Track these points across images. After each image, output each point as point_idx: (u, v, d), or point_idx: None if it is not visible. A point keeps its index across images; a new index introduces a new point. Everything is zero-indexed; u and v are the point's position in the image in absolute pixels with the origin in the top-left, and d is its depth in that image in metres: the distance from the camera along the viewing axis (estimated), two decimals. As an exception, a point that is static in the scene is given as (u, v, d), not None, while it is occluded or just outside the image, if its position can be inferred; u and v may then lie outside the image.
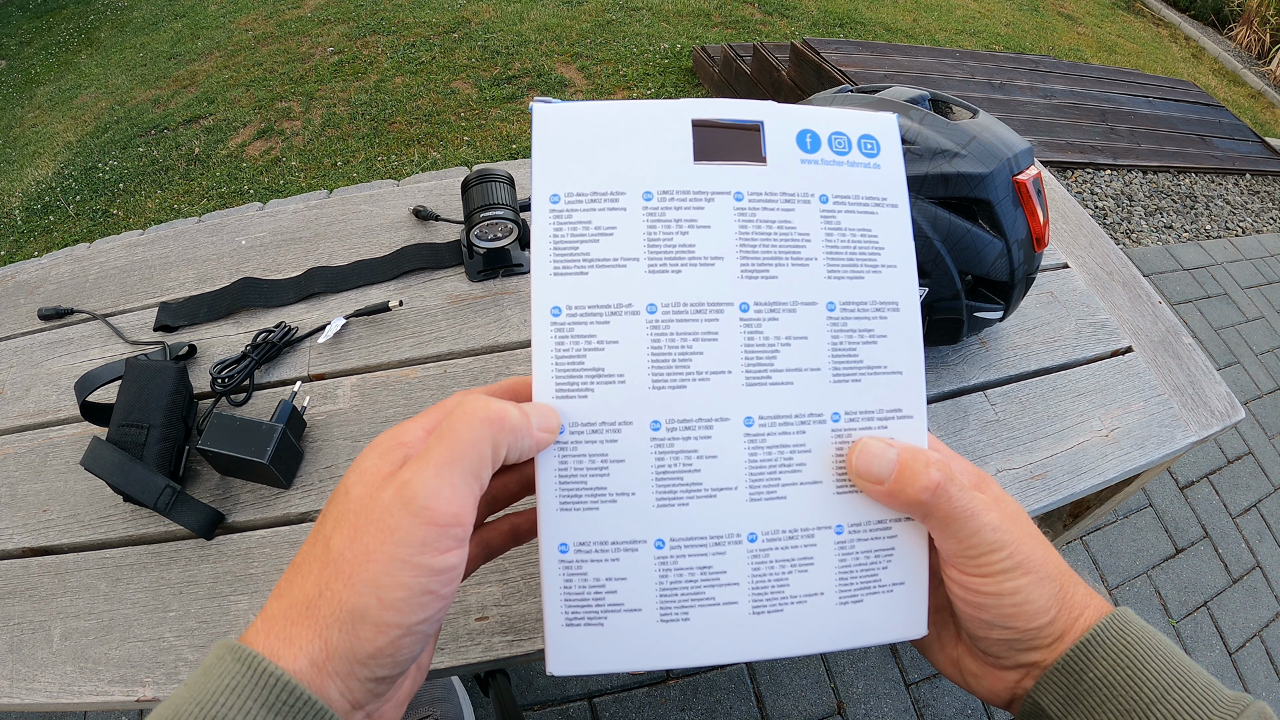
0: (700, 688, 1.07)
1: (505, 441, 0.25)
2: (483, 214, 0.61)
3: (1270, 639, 1.30)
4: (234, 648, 0.22)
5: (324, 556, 0.24)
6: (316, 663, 0.22)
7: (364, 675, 0.23)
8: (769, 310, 0.30)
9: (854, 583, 0.30)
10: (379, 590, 0.22)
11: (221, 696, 0.21)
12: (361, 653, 0.22)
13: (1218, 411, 0.64)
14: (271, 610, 0.24)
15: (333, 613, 0.22)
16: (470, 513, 0.24)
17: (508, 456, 0.25)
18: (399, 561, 0.22)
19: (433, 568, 0.23)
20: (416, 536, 0.23)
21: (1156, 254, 2.10)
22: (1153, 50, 3.97)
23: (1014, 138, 0.55)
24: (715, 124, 0.30)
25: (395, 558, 0.22)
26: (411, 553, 0.22)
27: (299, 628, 0.23)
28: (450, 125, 2.47)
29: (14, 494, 0.54)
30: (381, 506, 0.23)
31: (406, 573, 0.22)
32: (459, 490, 0.23)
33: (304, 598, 0.23)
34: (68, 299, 0.66)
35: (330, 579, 0.23)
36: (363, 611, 0.22)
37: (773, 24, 3.24)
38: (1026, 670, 0.29)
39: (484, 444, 0.24)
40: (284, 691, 0.21)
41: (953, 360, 0.64)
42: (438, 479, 0.23)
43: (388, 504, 0.23)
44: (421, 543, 0.23)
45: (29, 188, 2.42)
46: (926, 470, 0.28)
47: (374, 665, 0.23)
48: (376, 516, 0.23)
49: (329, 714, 0.22)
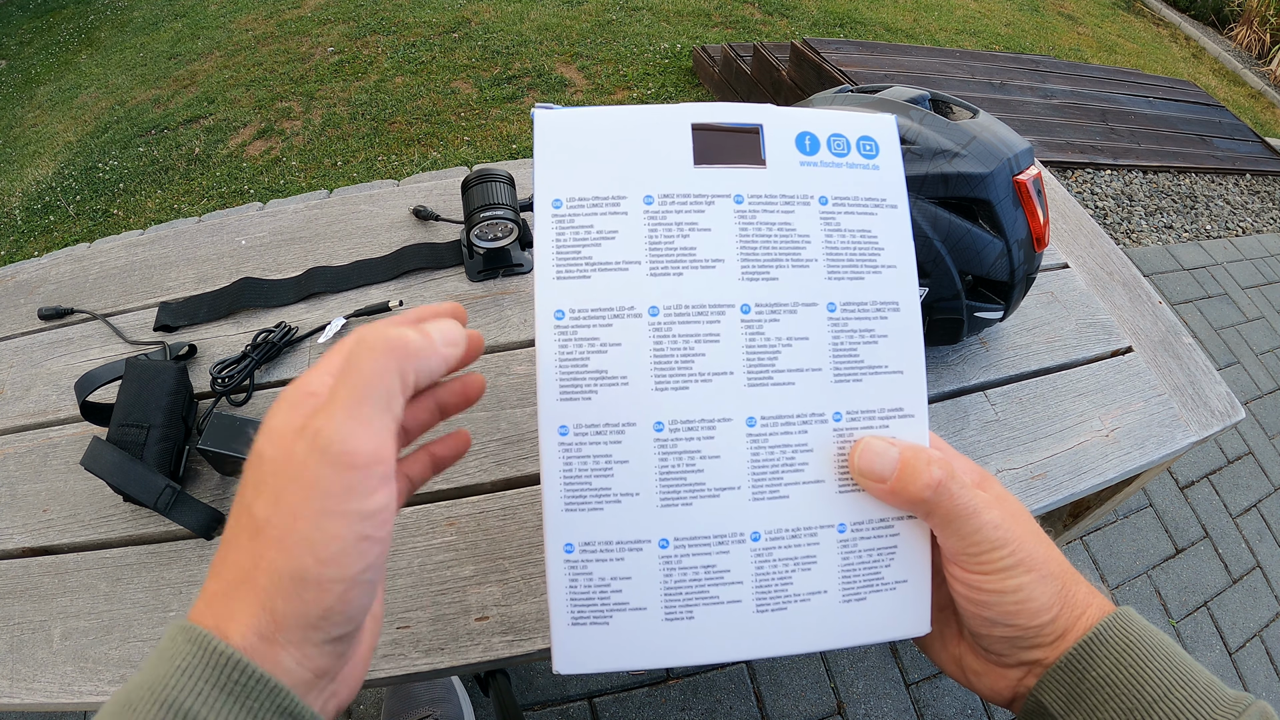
0: (700, 687, 1.07)
1: (411, 367, 0.23)
2: (483, 214, 0.61)
3: (1270, 639, 1.31)
4: (186, 628, 0.22)
5: (250, 527, 0.22)
6: (265, 635, 0.22)
7: (319, 639, 0.22)
8: (770, 311, 0.30)
9: (857, 581, 0.30)
10: (314, 548, 0.21)
11: (173, 679, 0.20)
12: (312, 616, 0.22)
13: (1218, 411, 0.64)
14: (211, 589, 0.23)
15: (272, 581, 0.21)
16: (389, 448, 0.23)
17: (417, 381, 0.24)
18: (327, 514, 0.21)
19: (363, 512, 0.22)
20: (339, 484, 0.21)
21: (1156, 254, 2.11)
22: (1153, 50, 3.97)
23: (1014, 138, 0.55)
24: (715, 127, 0.31)
25: (322, 511, 0.21)
26: (337, 502, 0.21)
27: (242, 602, 0.22)
28: (450, 125, 2.47)
29: (14, 494, 0.54)
30: (298, 462, 0.22)
31: (337, 524, 0.21)
32: (373, 427, 0.22)
33: (240, 572, 0.22)
34: (68, 299, 0.66)
35: (263, 548, 0.22)
36: (302, 573, 0.21)
37: (773, 24, 3.25)
38: (1028, 668, 0.29)
39: (389, 375, 0.23)
40: (234, 669, 0.21)
41: (953, 360, 0.64)
42: (350, 420, 0.22)
43: (303, 458, 0.22)
44: (346, 490, 0.21)
45: (29, 188, 2.42)
46: (928, 468, 0.28)
47: (328, 626, 0.22)
48: (294, 473, 0.22)
49: (281, 689, 0.21)
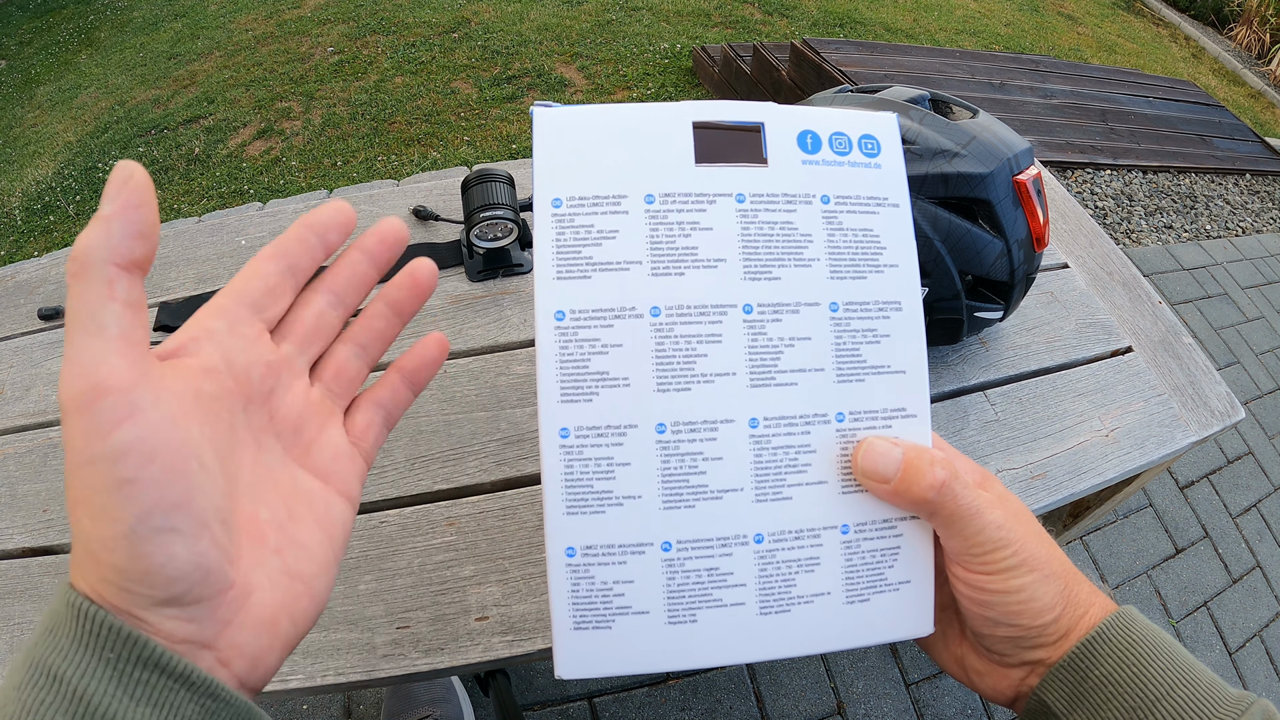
0: (700, 688, 1.07)
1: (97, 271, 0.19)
2: (483, 214, 0.61)
3: (1270, 639, 1.31)
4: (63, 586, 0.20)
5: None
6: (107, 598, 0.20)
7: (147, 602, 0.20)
8: (772, 311, 0.30)
9: (860, 582, 0.30)
10: (86, 507, 0.19)
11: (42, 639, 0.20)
12: (117, 578, 0.19)
13: (1218, 411, 0.64)
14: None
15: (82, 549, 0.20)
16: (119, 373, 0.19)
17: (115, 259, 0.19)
18: (74, 468, 0.19)
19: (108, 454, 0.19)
20: (78, 433, 0.19)
21: (1156, 254, 2.11)
22: (1153, 50, 3.97)
23: (1014, 138, 0.55)
24: (716, 126, 0.30)
25: (75, 463, 0.19)
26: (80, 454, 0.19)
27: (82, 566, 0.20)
28: (450, 125, 2.47)
29: (14, 494, 0.54)
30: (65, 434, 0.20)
31: (86, 475, 0.19)
32: (86, 353, 0.19)
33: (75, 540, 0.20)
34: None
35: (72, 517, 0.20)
36: (85, 539, 0.19)
37: (773, 24, 3.25)
38: (1031, 668, 0.29)
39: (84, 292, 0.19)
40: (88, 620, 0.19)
41: (953, 360, 0.64)
42: (66, 365, 0.19)
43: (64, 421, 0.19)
44: (84, 436, 0.19)
45: (29, 188, 2.42)
46: (931, 469, 0.28)
47: (138, 586, 0.19)
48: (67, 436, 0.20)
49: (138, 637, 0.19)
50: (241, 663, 0.22)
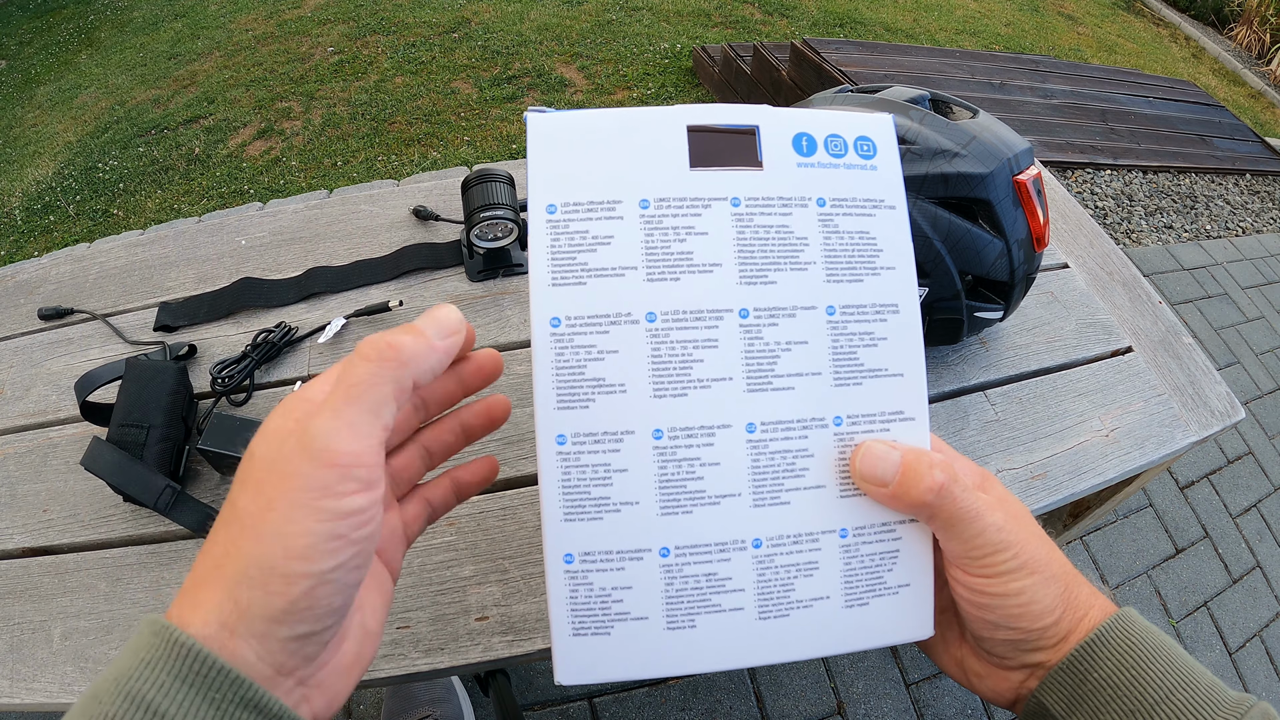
0: (700, 688, 1.07)
1: (407, 374, 0.24)
2: (483, 214, 0.61)
3: (1270, 639, 1.31)
4: (152, 620, 0.22)
5: (229, 516, 0.23)
6: (227, 624, 0.21)
7: (283, 635, 0.22)
8: (769, 315, 0.29)
9: (859, 586, 0.30)
10: (284, 539, 0.21)
11: (137, 671, 0.21)
12: (274, 608, 0.21)
13: (1218, 411, 0.64)
14: (186, 582, 0.23)
15: (240, 569, 0.22)
16: (373, 453, 0.23)
17: (418, 381, 0.24)
18: (300, 507, 0.22)
19: (337, 511, 0.22)
20: (317, 480, 0.22)
21: (1156, 254, 2.11)
22: (1153, 50, 3.97)
23: (1014, 138, 0.55)
24: (710, 129, 0.30)
25: (296, 504, 0.22)
26: (313, 497, 0.22)
27: (207, 590, 0.22)
28: (450, 125, 2.47)
29: (14, 494, 0.54)
30: (283, 458, 0.22)
31: (310, 517, 0.22)
32: (358, 430, 0.23)
33: (213, 561, 0.22)
34: (68, 299, 0.66)
35: (236, 536, 0.22)
36: (269, 563, 0.21)
37: (773, 24, 3.24)
38: (1031, 670, 0.29)
39: (381, 382, 0.23)
40: (195, 660, 0.21)
41: (953, 360, 0.64)
42: (335, 420, 0.22)
43: (289, 454, 0.22)
44: (323, 486, 0.22)
45: (29, 188, 2.42)
46: (930, 472, 0.28)
47: (291, 621, 0.22)
48: (278, 468, 0.22)
49: (243, 681, 0.21)
50: (321, 700, 0.24)
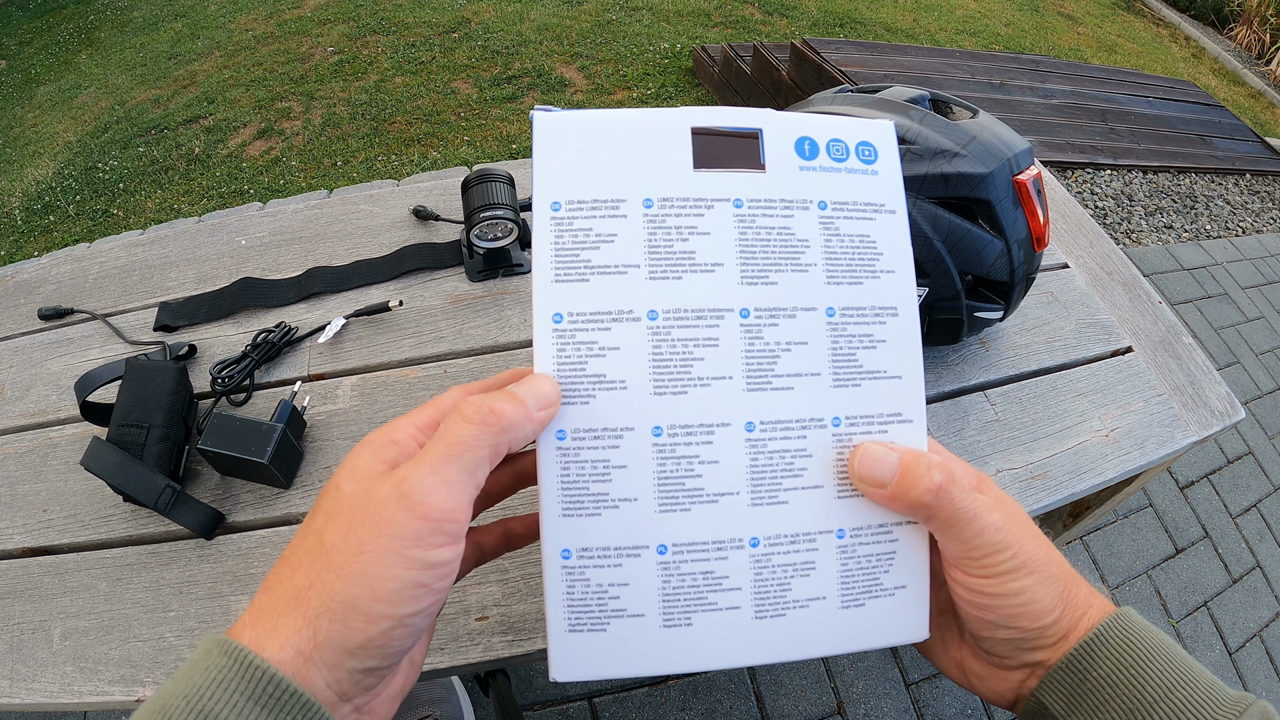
0: (700, 688, 1.07)
1: (505, 440, 0.25)
2: (483, 214, 0.61)
3: (1270, 639, 1.31)
4: (221, 641, 0.23)
5: (316, 549, 0.24)
6: (303, 653, 0.23)
7: (352, 666, 0.23)
8: (769, 316, 0.30)
9: (856, 587, 0.30)
10: (372, 581, 0.23)
11: (208, 690, 0.21)
12: (351, 643, 0.23)
13: (1218, 411, 0.64)
14: (260, 604, 0.24)
15: (323, 603, 0.23)
16: (465, 511, 0.24)
17: (511, 448, 0.26)
18: (393, 553, 0.23)
19: (426, 561, 0.23)
20: (411, 530, 0.23)
21: (1156, 254, 2.11)
22: (1153, 50, 3.97)
23: (1014, 138, 0.55)
24: (714, 131, 0.30)
25: (389, 550, 0.23)
26: (405, 545, 0.23)
27: (286, 618, 0.23)
28: (450, 125, 2.47)
29: (14, 494, 0.54)
30: (377, 501, 0.24)
31: (400, 564, 0.23)
32: (454, 488, 0.24)
33: (294, 589, 0.23)
34: (68, 299, 0.66)
35: (322, 570, 0.23)
36: (355, 601, 0.23)
37: (773, 24, 3.24)
38: (1030, 670, 0.29)
39: (480, 446, 0.25)
40: (269, 684, 0.21)
41: (953, 360, 0.64)
42: (434, 476, 0.24)
43: (384, 499, 0.24)
44: (416, 536, 0.23)
45: (29, 188, 2.42)
46: (928, 473, 0.28)
47: (364, 656, 0.23)
48: (372, 510, 0.24)
49: (315, 706, 0.22)
50: None
